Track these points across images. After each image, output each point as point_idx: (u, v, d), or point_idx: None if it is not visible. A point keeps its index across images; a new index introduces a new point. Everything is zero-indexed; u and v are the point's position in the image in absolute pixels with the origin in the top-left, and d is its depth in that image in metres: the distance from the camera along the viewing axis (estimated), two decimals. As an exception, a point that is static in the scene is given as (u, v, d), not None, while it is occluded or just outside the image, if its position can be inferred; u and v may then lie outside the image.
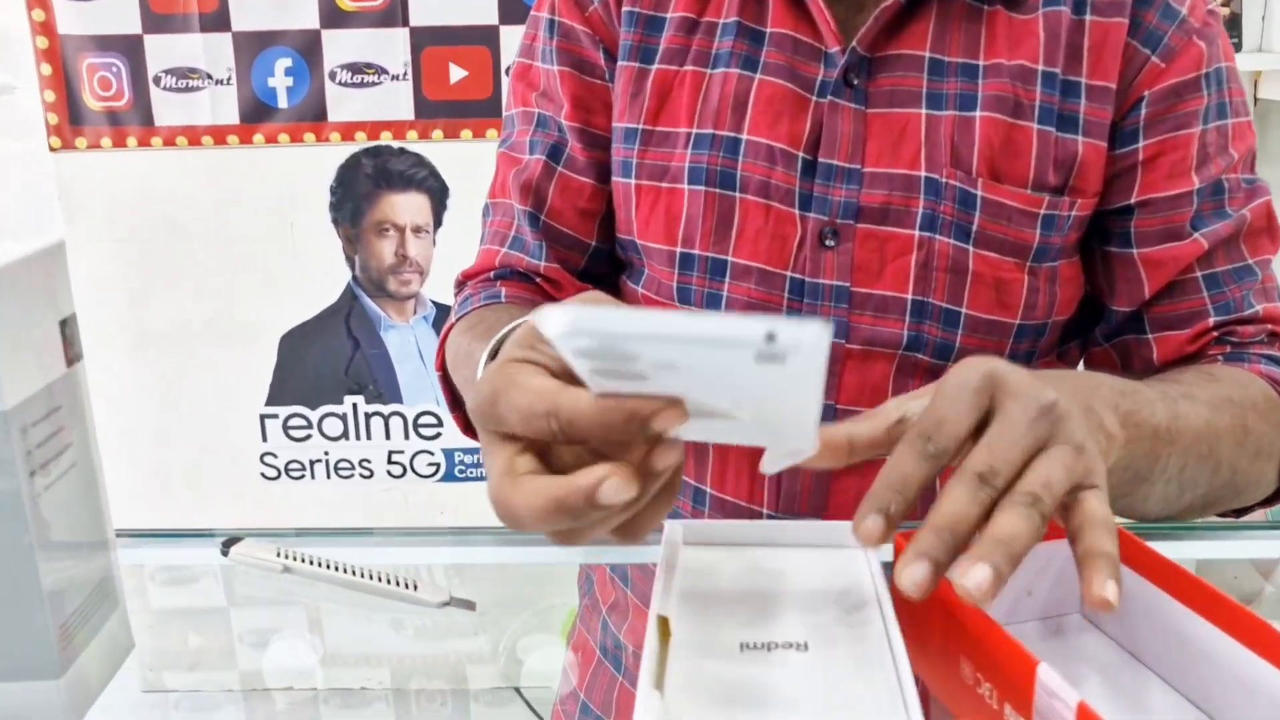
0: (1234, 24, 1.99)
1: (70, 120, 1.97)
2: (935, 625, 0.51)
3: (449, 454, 2.12)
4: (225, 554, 0.66)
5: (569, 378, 0.43)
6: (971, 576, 0.41)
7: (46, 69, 1.94)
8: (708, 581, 0.53)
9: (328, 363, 2.09)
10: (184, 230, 2.01)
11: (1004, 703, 0.45)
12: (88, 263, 1.98)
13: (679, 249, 0.75)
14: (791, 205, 0.73)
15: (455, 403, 0.82)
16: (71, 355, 0.53)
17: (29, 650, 0.50)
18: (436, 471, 2.13)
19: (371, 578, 0.62)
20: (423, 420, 2.09)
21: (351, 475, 2.13)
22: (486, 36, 1.93)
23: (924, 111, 0.72)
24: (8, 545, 0.48)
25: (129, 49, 1.93)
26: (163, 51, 1.94)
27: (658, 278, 0.78)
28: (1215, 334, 0.76)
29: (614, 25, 0.79)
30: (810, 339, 0.35)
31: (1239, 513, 0.76)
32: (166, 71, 1.95)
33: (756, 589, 0.52)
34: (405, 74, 1.95)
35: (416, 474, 2.12)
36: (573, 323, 0.36)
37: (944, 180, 0.72)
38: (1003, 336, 0.75)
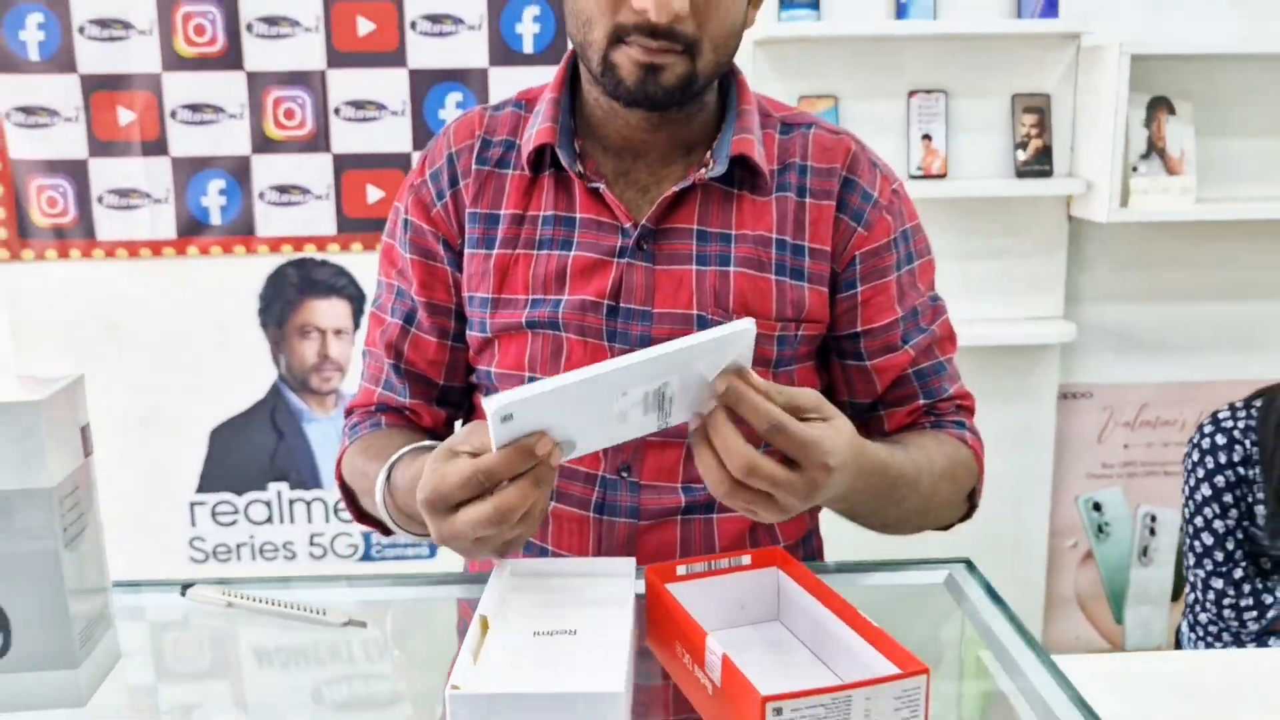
0: (1046, 154, 2.32)
1: (18, 234, 2.17)
2: (667, 628, 0.75)
3: (367, 536, 2.32)
4: (183, 594, 0.88)
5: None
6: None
7: (-2, 189, 2.15)
8: (521, 596, 0.77)
9: (254, 453, 2.28)
10: (122, 332, 2.20)
11: (694, 664, 0.70)
12: (32, 360, 2.17)
13: (525, 373, 1.00)
14: (601, 339, 0.99)
15: (352, 502, 1.08)
16: (87, 450, 0.76)
17: (59, 652, 0.72)
18: (355, 552, 2.32)
19: (292, 608, 0.84)
20: (342, 505, 2.29)
21: (275, 557, 2.31)
22: (401, 161, 2.20)
23: (694, 268, 0.99)
24: (47, 586, 0.70)
25: (75, 171, 2.15)
26: (107, 174, 2.16)
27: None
28: (924, 409, 1.05)
29: (452, 222, 1.03)
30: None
31: (945, 528, 1.05)
32: (110, 191, 2.17)
33: (552, 600, 0.77)
34: (328, 194, 2.20)
35: (336, 555, 2.32)
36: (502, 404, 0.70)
37: (710, 317, 0.98)
38: None
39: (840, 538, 1.16)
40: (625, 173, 1.01)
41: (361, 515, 1.09)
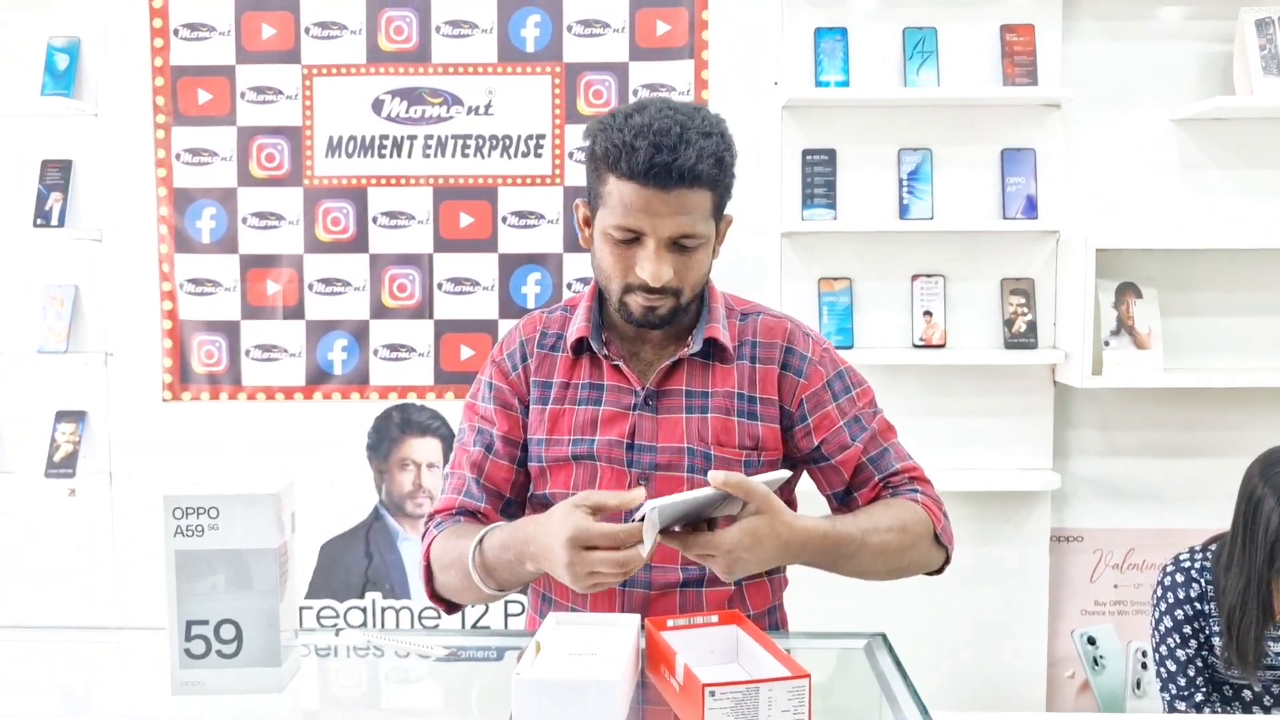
0: (1031, 329, 2.71)
1: (180, 380, 2.68)
2: (657, 658, 1.14)
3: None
4: (337, 635, 1.30)
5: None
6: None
7: (168, 344, 2.68)
8: (563, 632, 1.18)
9: (355, 566, 2.72)
10: (254, 460, 2.67)
11: (669, 675, 1.09)
12: (179, 484, 2.64)
13: (570, 490, 1.42)
14: (623, 466, 1.41)
15: (429, 580, 1.46)
16: (293, 528, 1.19)
17: (270, 654, 1.14)
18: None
19: (410, 643, 1.26)
20: (426, 613, 2.70)
21: (366, 656, 2.71)
22: (489, 326, 2.68)
23: (684, 416, 1.42)
24: (267, 611, 1.13)
25: (229, 331, 2.68)
26: (254, 333, 2.68)
27: None
28: (881, 484, 1.44)
29: (524, 385, 1.47)
30: None
31: (934, 572, 1.44)
32: (255, 346, 2.68)
33: (583, 636, 1.17)
34: (429, 352, 2.69)
35: (419, 656, 2.70)
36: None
37: (697, 449, 1.41)
38: None
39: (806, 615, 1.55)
40: (635, 353, 1.46)
41: (433, 593, 1.48)
